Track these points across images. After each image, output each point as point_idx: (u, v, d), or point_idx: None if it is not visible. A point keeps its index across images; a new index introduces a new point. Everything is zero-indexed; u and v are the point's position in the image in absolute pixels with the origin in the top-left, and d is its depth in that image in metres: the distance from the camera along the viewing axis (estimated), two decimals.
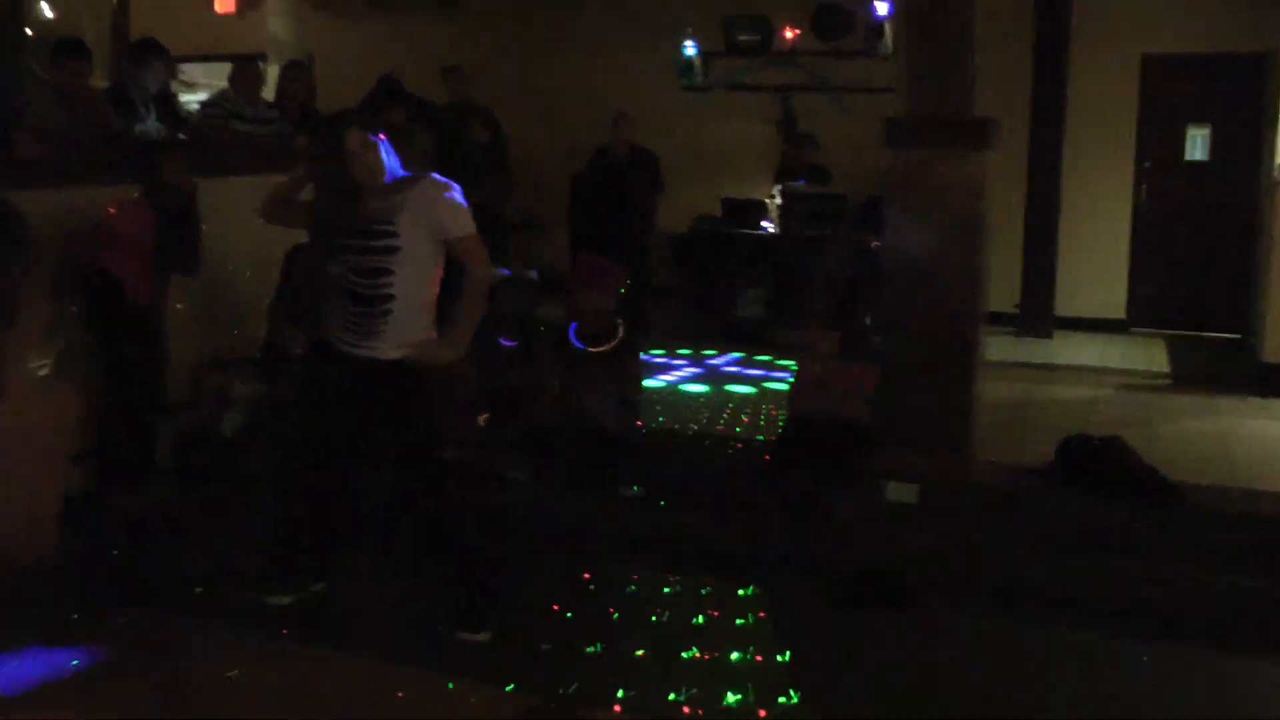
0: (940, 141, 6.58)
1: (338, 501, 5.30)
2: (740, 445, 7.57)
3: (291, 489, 5.35)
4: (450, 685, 4.60)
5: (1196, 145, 12.45)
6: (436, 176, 5.01)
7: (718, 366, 10.28)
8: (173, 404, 7.07)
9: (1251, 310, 11.01)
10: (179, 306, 7.03)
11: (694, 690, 4.62)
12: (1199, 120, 12.35)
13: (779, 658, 4.95)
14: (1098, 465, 6.47)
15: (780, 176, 12.13)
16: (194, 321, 7.36)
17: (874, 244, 10.82)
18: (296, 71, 9.94)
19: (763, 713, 4.48)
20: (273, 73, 10.64)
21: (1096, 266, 12.26)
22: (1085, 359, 10.66)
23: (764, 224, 11.98)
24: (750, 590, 5.57)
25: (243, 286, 7.73)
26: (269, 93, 9.81)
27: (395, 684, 4.60)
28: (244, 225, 6.68)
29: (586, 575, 5.73)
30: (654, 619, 5.29)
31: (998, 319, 9.76)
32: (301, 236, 7.23)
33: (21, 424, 5.51)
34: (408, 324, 4.94)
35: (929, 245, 6.63)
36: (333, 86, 11.39)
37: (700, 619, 5.29)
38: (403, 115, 8.94)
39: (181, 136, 8.31)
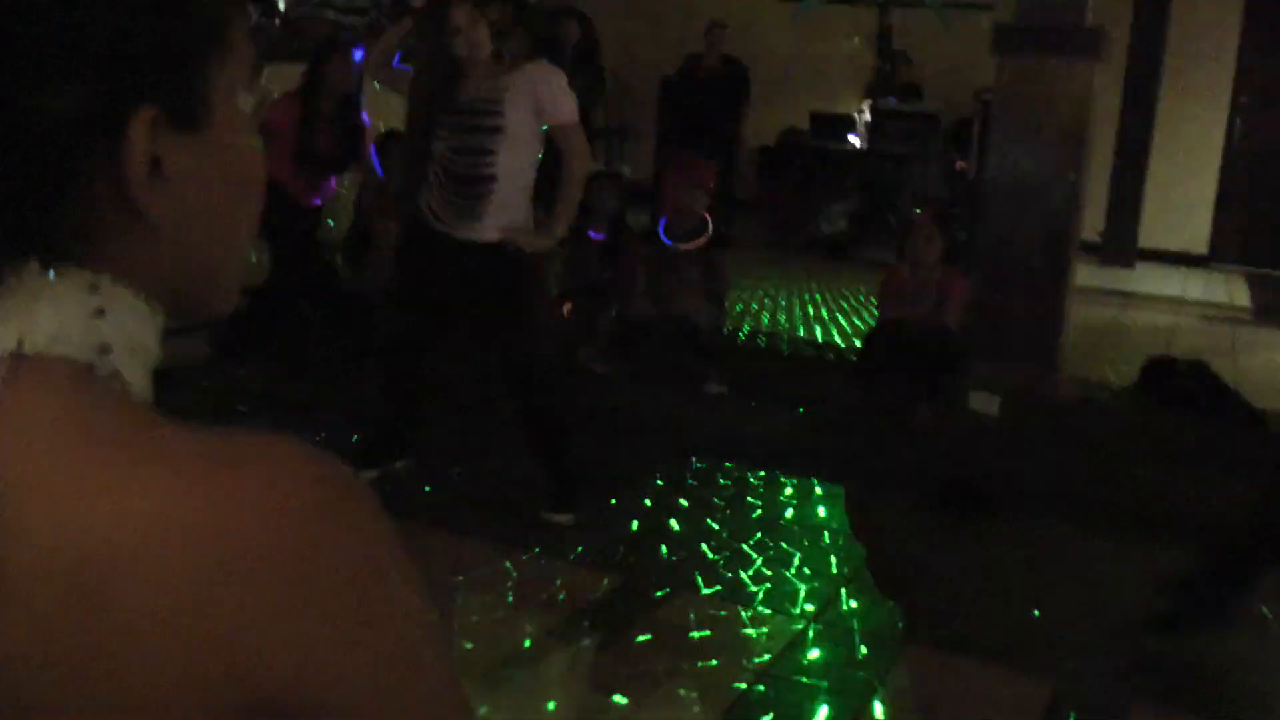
0: (1051, 48, 6.48)
1: (426, 382, 5.33)
2: (828, 348, 7.57)
3: (386, 369, 5.38)
4: (533, 558, 4.67)
5: None
6: (544, 61, 4.99)
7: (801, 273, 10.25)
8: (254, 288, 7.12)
9: None
10: None
11: (771, 583, 4.67)
12: None
13: (859, 557, 4.97)
14: (1183, 387, 6.43)
15: (871, 93, 12.03)
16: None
17: (960, 165, 10.77)
18: None
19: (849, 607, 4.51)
20: None
21: (1182, 199, 12.12)
22: (1168, 290, 10.58)
23: (851, 139, 11.89)
24: (835, 489, 5.59)
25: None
26: None
27: (478, 555, 4.66)
28: None
29: (671, 469, 5.77)
30: (737, 513, 5.33)
31: (1081, 246, 9.67)
32: (391, 124, 7.31)
33: None
34: (507, 206, 4.91)
35: (1035, 157, 6.56)
36: None
37: (787, 514, 5.32)
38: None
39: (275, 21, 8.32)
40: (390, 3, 9.31)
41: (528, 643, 4.10)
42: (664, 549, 4.94)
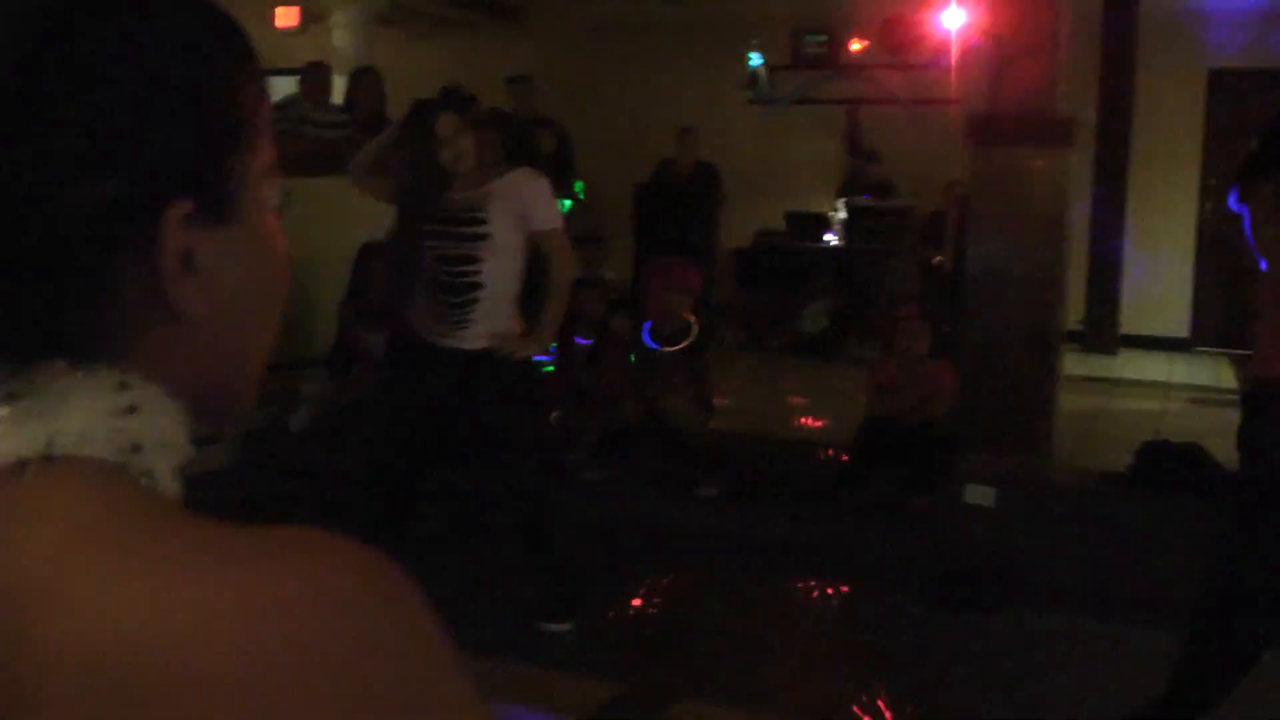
0: (1024, 139, 6.51)
1: (407, 494, 5.23)
2: (815, 447, 7.53)
3: (367, 483, 5.30)
4: (536, 673, 4.59)
5: None
6: (528, 168, 5.01)
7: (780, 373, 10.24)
8: None
9: None
10: None
11: (778, 683, 4.59)
12: None
13: (865, 657, 4.91)
14: (1178, 470, 6.38)
15: (844, 191, 12.11)
16: None
17: (936, 259, 10.80)
18: (367, 77, 9.94)
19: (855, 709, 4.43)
20: (338, 85, 10.65)
21: (1161, 284, 12.17)
22: (1152, 375, 10.57)
23: (828, 237, 11.95)
24: (832, 589, 5.53)
25: (312, 285, 7.75)
26: (337, 99, 9.83)
27: (480, 672, 4.57)
28: (314, 225, 6.72)
29: (666, 573, 5.71)
30: (736, 614, 5.27)
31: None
32: (372, 235, 7.31)
33: None
34: (494, 314, 4.90)
35: (1014, 246, 6.56)
36: (398, 102, 11.41)
37: (783, 615, 5.26)
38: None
39: None
40: (367, 117, 9.35)
41: None
42: (664, 653, 4.87)
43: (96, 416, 0.72)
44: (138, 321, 0.74)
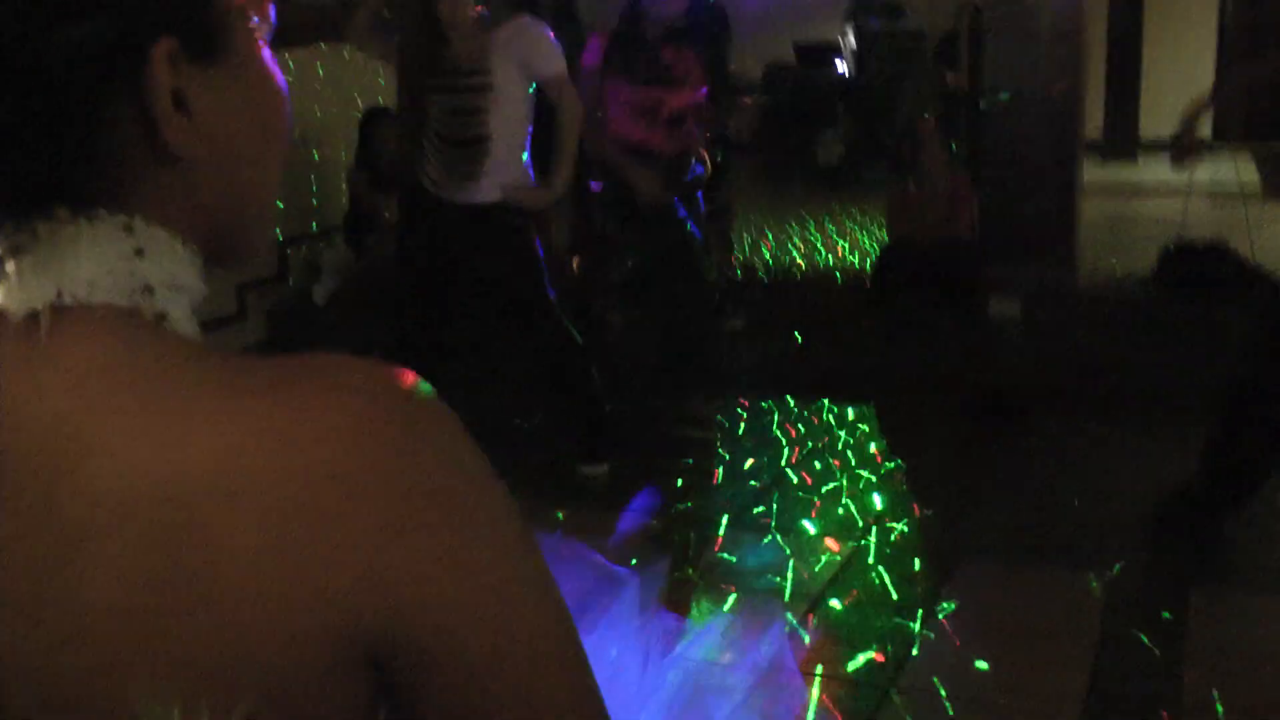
0: None
1: (436, 351, 5.24)
2: (840, 273, 7.51)
3: (395, 347, 5.31)
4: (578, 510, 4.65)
5: None
6: (528, 15, 4.94)
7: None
8: (260, 279, 7.09)
9: None
10: None
11: (811, 505, 4.65)
12: None
13: (896, 470, 4.95)
14: (1204, 270, 6.34)
15: (852, 16, 11.90)
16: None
17: (950, 78, 10.63)
18: None
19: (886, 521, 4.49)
20: None
21: (1180, 86, 11.98)
22: (1175, 178, 10.45)
23: (839, 65, 11.79)
24: (863, 408, 5.57)
25: (320, 156, 7.70)
26: None
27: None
28: (316, 95, 6.67)
29: (702, 407, 5.74)
30: (776, 443, 5.32)
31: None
32: (375, 101, 7.25)
33: None
34: (504, 164, 4.86)
35: (1028, 60, 6.49)
36: None
37: (825, 440, 5.30)
38: None
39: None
40: None
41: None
42: (699, 483, 4.93)
43: (104, 262, 0.72)
44: (136, 167, 0.73)
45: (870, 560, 4.27)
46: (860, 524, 4.55)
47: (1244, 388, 4.24)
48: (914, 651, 3.68)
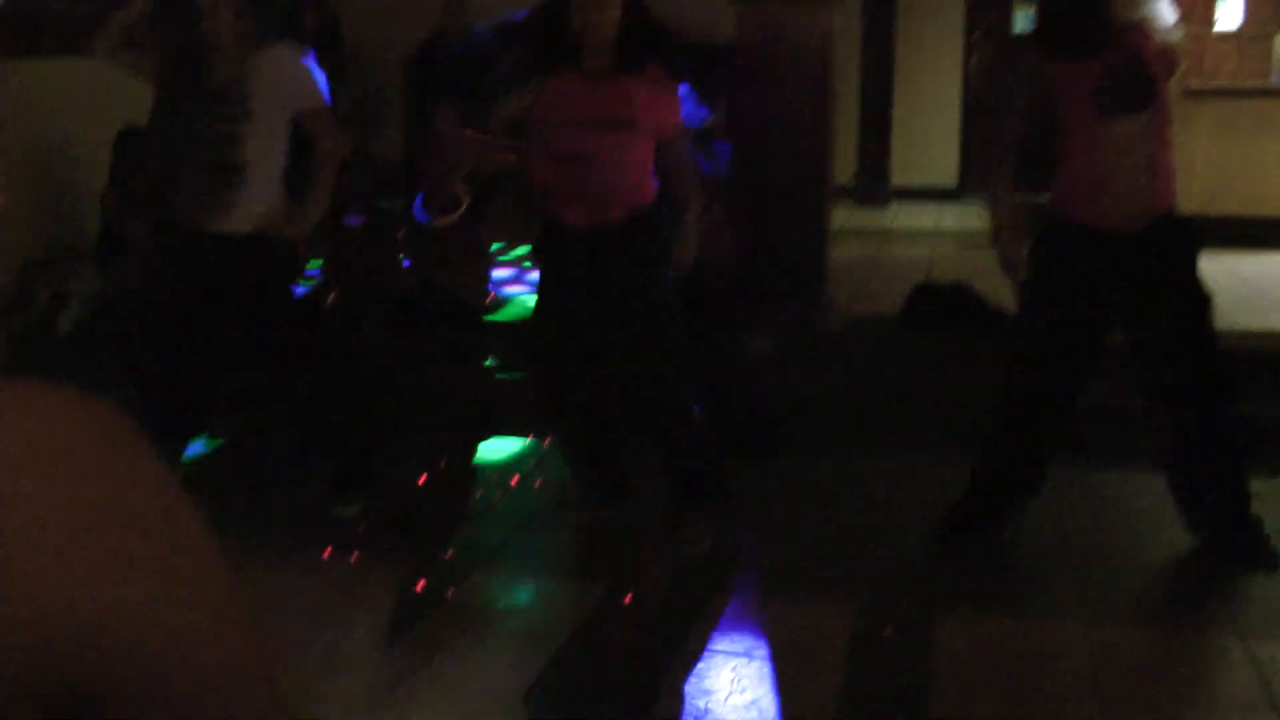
0: None
1: (192, 381, 5.09)
2: None
3: (142, 384, 5.12)
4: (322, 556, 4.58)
5: (1019, 20, 12.76)
6: (290, 43, 4.86)
7: None
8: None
9: None
10: None
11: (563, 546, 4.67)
12: None
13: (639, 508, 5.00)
14: (947, 309, 6.59)
15: None
16: (18, 216, 7.08)
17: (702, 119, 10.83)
18: None
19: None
20: None
21: (928, 136, 12.44)
22: (923, 224, 10.84)
23: None
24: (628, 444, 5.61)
25: (71, 176, 7.45)
26: None
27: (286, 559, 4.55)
28: (69, 111, 6.43)
29: (453, 444, 5.72)
30: (525, 482, 5.32)
31: (836, 189, 9.87)
32: (131, 120, 7.03)
33: None
34: (259, 194, 4.76)
35: (780, 101, 6.64)
36: None
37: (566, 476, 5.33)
38: None
39: None
40: None
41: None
42: (455, 530, 4.90)
43: None
44: None
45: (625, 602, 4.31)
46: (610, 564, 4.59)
47: (997, 411, 4.49)
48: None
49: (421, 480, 5.40)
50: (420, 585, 4.35)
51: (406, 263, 7.23)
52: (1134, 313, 4.42)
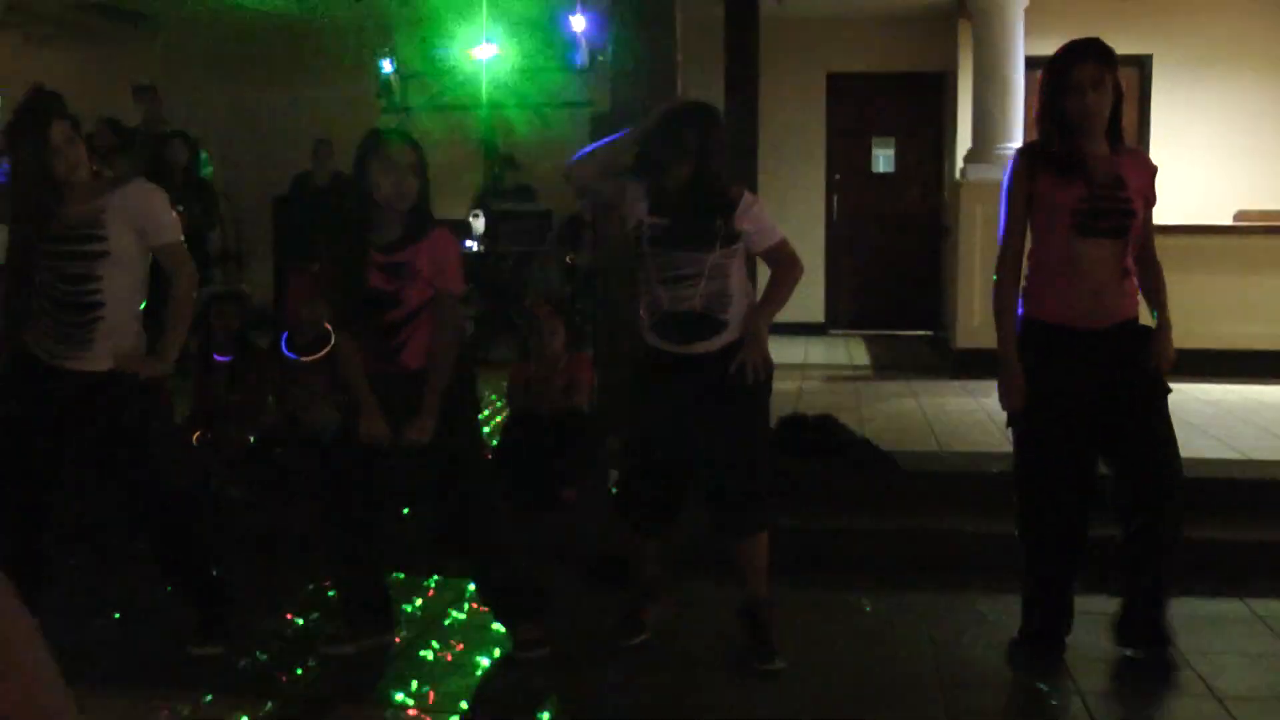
0: None
1: (37, 524, 4.93)
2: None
3: None
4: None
5: (880, 160, 13.21)
6: (142, 180, 4.83)
7: None
8: None
9: (942, 306, 11.62)
10: None
11: (436, 682, 4.61)
12: (883, 134, 13.11)
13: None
14: (813, 439, 6.69)
15: (483, 196, 12.18)
16: None
17: (570, 259, 10.99)
18: None
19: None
20: None
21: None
22: (790, 357, 11.00)
23: (468, 244, 11.98)
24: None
25: None
26: None
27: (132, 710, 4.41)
28: None
29: (314, 583, 5.65)
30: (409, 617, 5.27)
31: None
32: None
33: None
34: (116, 332, 4.66)
35: None
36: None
37: (449, 615, 5.28)
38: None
39: None
40: None
41: None
42: (316, 665, 4.81)
43: None
44: None
45: None
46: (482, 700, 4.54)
47: (1023, 529, 4.76)
48: None
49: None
50: None
51: (273, 399, 7.17)
52: (1103, 400, 4.55)
